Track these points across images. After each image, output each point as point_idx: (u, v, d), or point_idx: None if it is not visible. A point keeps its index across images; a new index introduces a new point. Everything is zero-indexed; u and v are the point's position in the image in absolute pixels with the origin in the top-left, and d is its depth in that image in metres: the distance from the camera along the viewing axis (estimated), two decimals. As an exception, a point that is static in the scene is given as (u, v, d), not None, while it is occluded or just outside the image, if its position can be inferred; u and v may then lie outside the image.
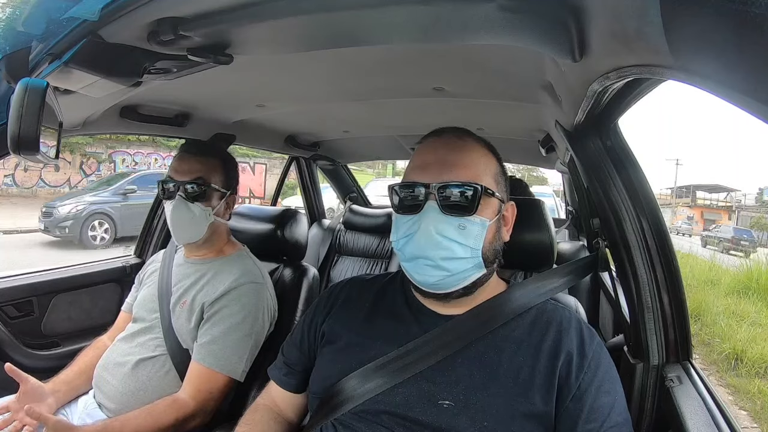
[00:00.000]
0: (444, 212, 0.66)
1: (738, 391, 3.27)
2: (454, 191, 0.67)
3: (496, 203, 0.71)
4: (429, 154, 0.72)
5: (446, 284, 0.68)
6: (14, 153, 0.65)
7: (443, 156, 0.70)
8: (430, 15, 0.57)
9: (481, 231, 0.68)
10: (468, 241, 0.67)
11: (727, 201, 28.79)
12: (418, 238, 0.67)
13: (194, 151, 1.17)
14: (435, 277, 0.67)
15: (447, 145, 0.72)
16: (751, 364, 3.68)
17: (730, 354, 3.87)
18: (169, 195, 1.13)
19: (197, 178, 1.13)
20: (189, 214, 1.12)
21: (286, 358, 0.84)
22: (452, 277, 0.67)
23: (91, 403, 1.09)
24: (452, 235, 0.66)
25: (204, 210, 1.14)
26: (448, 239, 0.66)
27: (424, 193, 0.68)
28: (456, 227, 0.66)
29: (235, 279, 1.11)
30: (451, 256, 0.66)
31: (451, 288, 0.69)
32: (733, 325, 4.52)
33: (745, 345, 3.92)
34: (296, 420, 0.85)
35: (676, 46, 0.36)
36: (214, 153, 1.20)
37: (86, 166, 12.92)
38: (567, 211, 2.96)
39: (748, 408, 3.02)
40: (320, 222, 2.69)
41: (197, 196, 1.13)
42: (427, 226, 0.66)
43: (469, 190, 0.67)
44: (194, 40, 0.67)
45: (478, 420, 0.63)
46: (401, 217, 0.70)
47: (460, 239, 0.66)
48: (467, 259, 0.67)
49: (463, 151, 0.71)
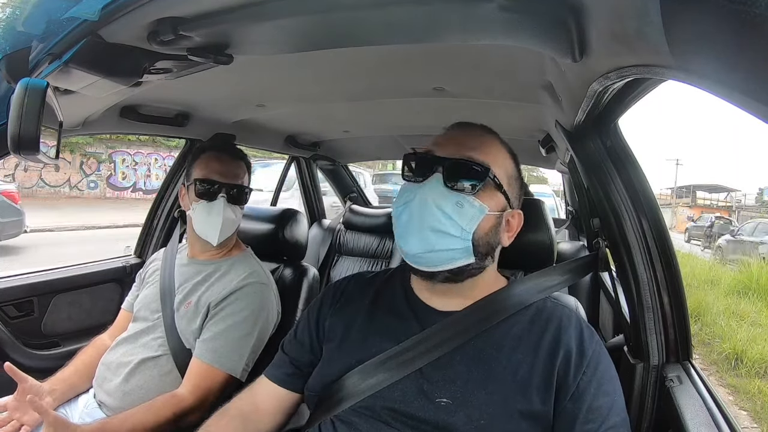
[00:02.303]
0: (446, 185, 0.67)
1: (738, 391, 3.27)
2: (461, 167, 0.68)
3: (502, 200, 0.71)
4: (449, 134, 0.74)
5: (430, 260, 0.68)
6: (14, 153, 0.65)
7: (462, 138, 0.72)
8: (430, 15, 0.57)
9: (477, 215, 0.67)
10: (461, 221, 0.66)
11: (727, 201, 28.76)
12: (414, 205, 0.67)
13: (230, 152, 1.21)
14: (419, 247, 0.67)
15: (469, 132, 0.74)
16: (751, 364, 3.68)
17: (730, 354, 3.87)
18: (210, 195, 1.14)
19: (239, 181, 1.18)
20: (230, 216, 1.15)
21: (289, 357, 0.82)
22: (436, 253, 0.67)
23: (91, 402, 1.09)
24: (447, 209, 0.66)
25: (240, 211, 1.19)
26: (442, 211, 0.66)
27: (431, 164, 0.69)
28: (453, 203, 0.66)
29: (242, 279, 1.12)
30: (439, 228, 0.66)
31: (436, 267, 0.68)
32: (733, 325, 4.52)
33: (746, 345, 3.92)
34: (283, 420, 0.82)
35: (676, 46, 0.36)
36: (243, 155, 1.25)
37: (86, 166, 12.91)
38: (567, 211, 2.96)
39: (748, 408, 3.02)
40: (320, 222, 2.68)
41: (237, 199, 1.17)
42: (425, 195, 0.67)
43: (475, 170, 0.68)
44: (194, 40, 0.67)
45: (475, 418, 0.63)
46: (406, 185, 0.71)
47: (454, 215, 0.66)
48: (455, 239, 0.66)
49: (482, 139, 0.73)
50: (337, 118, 1.74)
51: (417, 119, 1.64)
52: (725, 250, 11.42)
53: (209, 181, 1.14)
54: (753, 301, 5.57)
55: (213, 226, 1.14)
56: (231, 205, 1.15)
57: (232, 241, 1.23)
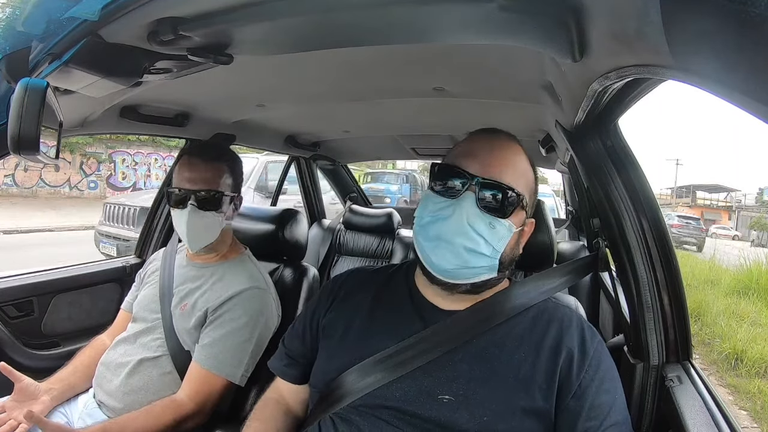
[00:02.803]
0: (479, 207, 0.67)
1: (738, 391, 3.28)
2: (494, 192, 0.67)
3: (523, 215, 0.72)
4: (480, 144, 0.72)
5: (459, 275, 0.68)
6: (14, 153, 0.64)
7: (492, 152, 0.71)
8: (430, 15, 0.57)
9: (507, 235, 0.69)
10: (493, 241, 0.67)
11: (727, 201, 28.79)
12: (449, 222, 0.67)
13: (203, 156, 1.14)
14: (452, 263, 0.67)
15: (497, 143, 0.73)
16: (751, 364, 3.70)
17: (730, 354, 3.88)
18: (179, 203, 1.11)
19: (208, 186, 1.11)
20: (202, 222, 1.11)
21: (287, 350, 0.85)
22: (467, 269, 0.68)
23: (91, 402, 1.09)
24: (482, 230, 0.67)
25: (216, 216, 1.13)
26: (477, 233, 0.66)
27: (465, 182, 0.68)
28: (487, 224, 0.67)
29: (240, 284, 1.11)
30: (473, 248, 0.66)
31: (462, 280, 0.69)
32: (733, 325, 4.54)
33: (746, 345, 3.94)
34: (302, 413, 0.85)
35: (676, 46, 0.36)
36: (221, 156, 1.18)
37: (86, 166, 12.89)
38: (567, 211, 2.96)
39: (748, 408, 3.04)
40: (320, 222, 2.69)
41: (209, 204, 1.11)
42: (460, 214, 0.66)
43: (508, 195, 0.68)
44: (194, 40, 0.67)
45: (477, 415, 0.63)
46: (435, 197, 0.70)
47: (487, 236, 0.67)
48: (487, 257, 0.68)
49: (511, 153, 0.72)
50: (337, 118, 1.73)
51: (417, 119, 1.64)
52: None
53: (178, 188, 1.11)
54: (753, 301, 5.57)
55: (183, 233, 1.12)
56: (203, 212, 1.10)
57: (224, 244, 1.20)
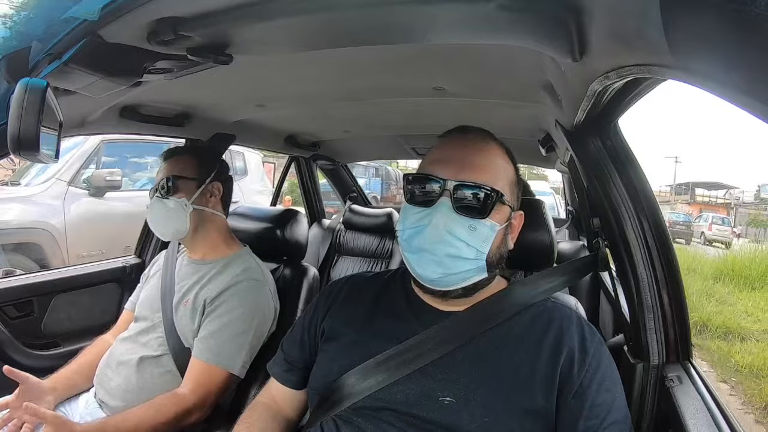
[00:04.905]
0: (456, 211, 0.66)
1: (702, 349, 4.50)
2: (469, 192, 0.66)
3: (507, 210, 0.71)
4: (451, 150, 0.71)
5: (446, 282, 0.68)
6: (14, 153, 0.64)
7: (464, 155, 0.70)
8: (430, 15, 0.57)
9: (489, 234, 0.68)
10: (476, 243, 0.66)
11: (725, 198, 28.75)
12: (428, 232, 0.66)
13: (165, 156, 1.21)
14: (436, 273, 0.67)
15: (470, 145, 0.71)
16: (714, 330, 4.94)
17: (697, 322, 4.97)
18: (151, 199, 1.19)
19: (169, 175, 1.16)
20: (164, 209, 1.14)
21: (286, 355, 0.84)
22: (453, 276, 0.67)
23: (92, 401, 1.09)
24: (461, 234, 0.66)
25: (179, 201, 1.14)
26: (457, 238, 0.66)
27: (439, 188, 0.67)
28: (466, 227, 0.66)
29: (235, 276, 1.12)
30: (456, 254, 0.66)
31: (451, 286, 0.69)
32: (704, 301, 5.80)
33: (711, 317, 5.15)
34: (295, 418, 0.85)
35: (676, 46, 0.36)
36: (184, 151, 1.24)
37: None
38: (567, 210, 2.96)
39: (707, 359, 4.28)
40: (320, 222, 2.69)
41: (169, 191, 1.15)
42: (437, 222, 0.66)
43: (484, 194, 0.67)
44: (194, 40, 0.67)
45: (478, 416, 0.63)
46: (412, 208, 0.69)
47: (468, 240, 0.66)
48: (471, 260, 0.67)
49: (485, 153, 0.71)
50: (337, 118, 1.73)
51: (417, 119, 1.64)
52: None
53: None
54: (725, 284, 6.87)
55: (154, 223, 1.18)
56: (165, 199, 1.15)
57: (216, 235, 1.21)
